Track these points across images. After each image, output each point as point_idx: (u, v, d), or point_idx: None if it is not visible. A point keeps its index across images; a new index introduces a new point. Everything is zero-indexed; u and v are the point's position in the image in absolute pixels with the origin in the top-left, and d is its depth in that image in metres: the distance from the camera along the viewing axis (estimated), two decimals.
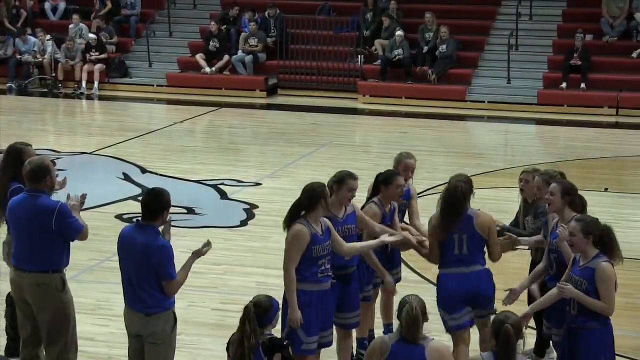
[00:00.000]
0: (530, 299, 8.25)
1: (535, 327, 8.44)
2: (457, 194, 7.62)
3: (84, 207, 7.64)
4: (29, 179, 7.24)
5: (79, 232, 7.25)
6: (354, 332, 8.25)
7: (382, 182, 8.17)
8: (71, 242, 7.35)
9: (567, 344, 7.05)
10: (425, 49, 22.49)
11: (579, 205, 7.61)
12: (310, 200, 7.30)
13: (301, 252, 7.22)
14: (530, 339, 8.47)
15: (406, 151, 8.88)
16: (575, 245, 6.94)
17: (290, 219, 7.36)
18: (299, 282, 7.27)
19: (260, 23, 23.71)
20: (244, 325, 6.31)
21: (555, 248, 7.46)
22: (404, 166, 8.57)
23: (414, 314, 5.99)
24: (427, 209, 8.64)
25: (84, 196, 7.56)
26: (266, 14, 23.90)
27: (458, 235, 7.61)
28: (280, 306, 7.36)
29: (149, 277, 6.71)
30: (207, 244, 7.01)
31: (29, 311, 7.37)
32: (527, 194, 8.46)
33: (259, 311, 6.37)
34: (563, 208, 7.47)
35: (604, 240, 6.88)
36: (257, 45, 23.29)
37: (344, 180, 7.70)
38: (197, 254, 6.98)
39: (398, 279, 8.57)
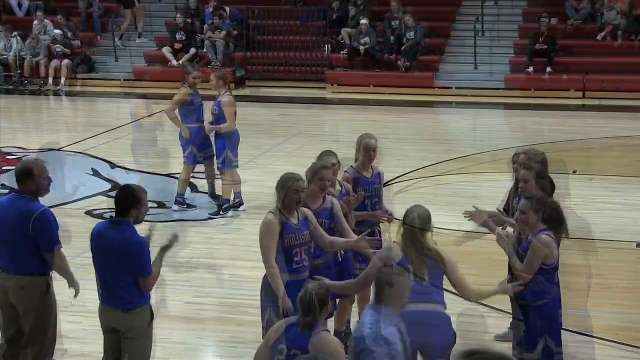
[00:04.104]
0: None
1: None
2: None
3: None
4: (17, 181, 7.24)
5: (51, 247, 7.14)
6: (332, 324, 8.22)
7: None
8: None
9: (517, 319, 7.19)
10: (392, 38, 22.53)
11: (549, 189, 7.67)
12: (278, 190, 7.31)
13: (275, 241, 7.17)
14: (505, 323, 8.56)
15: (366, 133, 8.79)
16: (524, 221, 7.09)
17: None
18: None
19: (223, 14, 23.56)
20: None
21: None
22: (364, 147, 8.56)
23: (307, 300, 5.81)
24: (398, 196, 8.66)
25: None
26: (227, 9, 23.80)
27: None
28: (260, 297, 7.37)
29: (126, 273, 6.69)
30: (175, 239, 6.99)
31: (12, 314, 7.31)
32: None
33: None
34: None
35: (552, 217, 6.95)
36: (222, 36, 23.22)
37: (316, 171, 7.67)
38: (165, 249, 6.96)
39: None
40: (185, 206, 12.79)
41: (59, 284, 9.97)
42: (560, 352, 7.02)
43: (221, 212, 12.57)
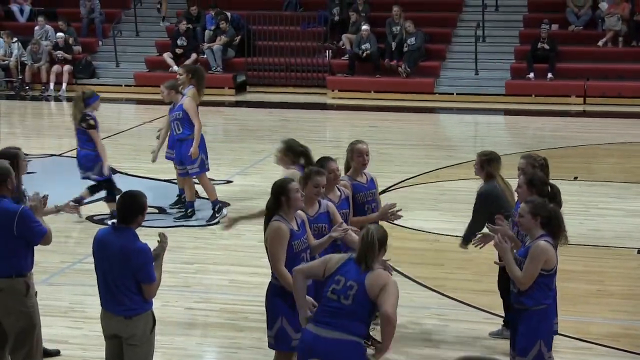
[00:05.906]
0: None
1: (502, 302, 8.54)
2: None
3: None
4: None
5: (42, 236, 7.17)
6: None
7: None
8: (36, 246, 7.29)
9: (513, 324, 7.20)
10: (393, 44, 22.54)
11: (550, 194, 7.65)
12: (273, 198, 7.22)
13: (285, 248, 7.09)
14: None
15: (355, 139, 8.82)
16: (523, 225, 7.10)
17: (266, 219, 7.28)
18: None
19: (225, 20, 23.54)
20: None
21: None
22: (357, 152, 8.57)
23: (369, 240, 6.21)
24: (399, 202, 8.63)
25: (45, 197, 7.48)
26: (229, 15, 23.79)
27: None
28: (265, 304, 7.32)
29: (129, 280, 6.66)
30: (163, 238, 6.95)
31: None
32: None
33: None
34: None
35: (551, 222, 6.96)
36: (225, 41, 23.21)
37: (309, 177, 7.60)
38: (160, 254, 6.91)
39: None
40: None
41: (56, 289, 10.01)
42: (550, 356, 7.02)
43: (216, 215, 12.59)
